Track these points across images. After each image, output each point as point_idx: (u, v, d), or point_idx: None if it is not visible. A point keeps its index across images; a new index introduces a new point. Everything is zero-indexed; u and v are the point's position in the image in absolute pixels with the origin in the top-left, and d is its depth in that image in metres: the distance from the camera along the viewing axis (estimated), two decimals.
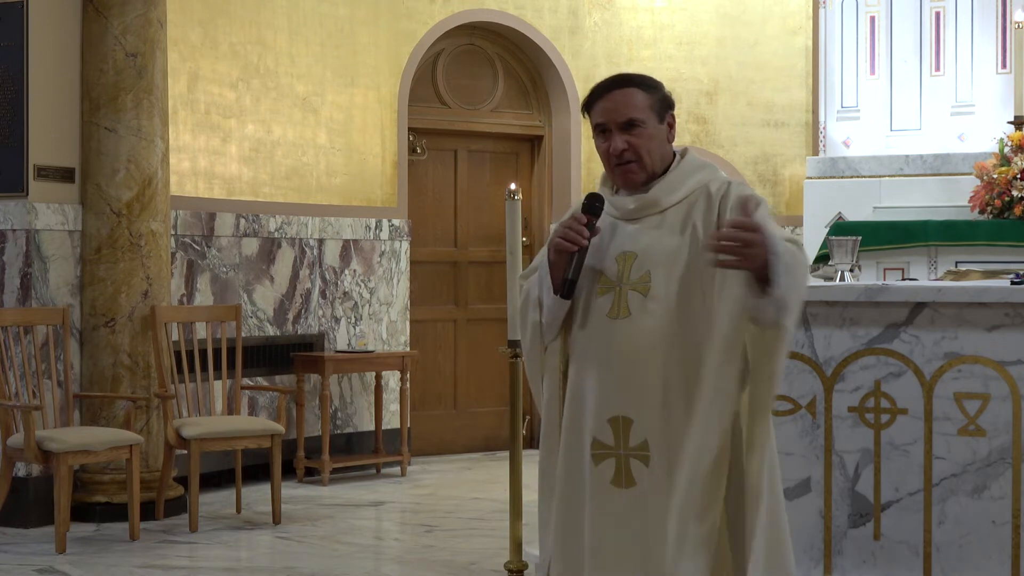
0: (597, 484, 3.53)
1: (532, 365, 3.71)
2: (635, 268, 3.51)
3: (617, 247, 3.56)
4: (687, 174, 3.58)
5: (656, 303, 3.47)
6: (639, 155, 3.53)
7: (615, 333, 3.50)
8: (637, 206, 3.56)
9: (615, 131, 3.53)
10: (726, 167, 10.66)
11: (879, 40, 10.33)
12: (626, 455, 3.50)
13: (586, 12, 10.51)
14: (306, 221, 9.14)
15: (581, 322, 3.57)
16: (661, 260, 3.49)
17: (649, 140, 3.54)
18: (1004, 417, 5.40)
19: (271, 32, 9.03)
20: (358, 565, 6.66)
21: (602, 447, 3.53)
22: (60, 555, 6.84)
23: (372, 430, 9.46)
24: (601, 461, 3.53)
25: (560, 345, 3.63)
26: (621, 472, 3.51)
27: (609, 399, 3.52)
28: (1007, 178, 9.15)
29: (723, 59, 10.70)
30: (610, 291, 3.53)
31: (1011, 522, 5.38)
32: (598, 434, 3.53)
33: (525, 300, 3.68)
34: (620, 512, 3.51)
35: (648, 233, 3.54)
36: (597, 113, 3.57)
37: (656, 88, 3.59)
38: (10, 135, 7.55)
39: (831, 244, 6.29)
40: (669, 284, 3.47)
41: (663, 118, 3.57)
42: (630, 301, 3.50)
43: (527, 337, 3.68)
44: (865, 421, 5.60)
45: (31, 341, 7.37)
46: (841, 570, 5.64)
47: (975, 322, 5.42)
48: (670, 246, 3.50)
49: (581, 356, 3.57)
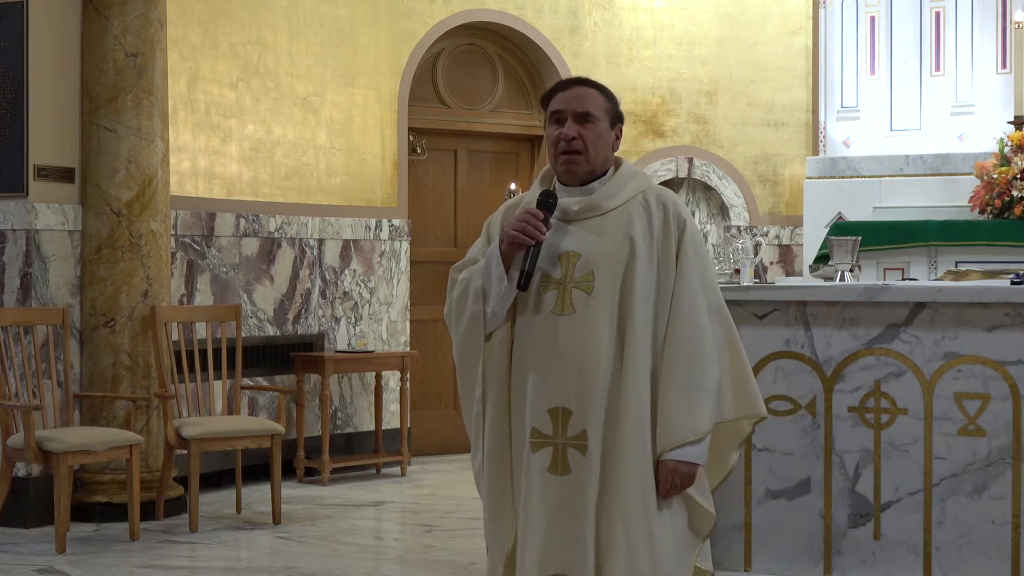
0: (533, 471, 3.72)
1: (468, 355, 3.84)
2: (578, 267, 3.71)
3: (561, 246, 3.74)
4: (625, 180, 3.79)
5: (599, 301, 3.68)
6: (586, 147, 3.74)
7: (560, 328, 3.69)
8: (580, 208, 3.75)
9: (570, 119, 3.73)
10: (726, 167, 10.65)
11: (879, 40, 10.33)
12: (564, 444, 3.70)
13: (586, 12, 10.50)
14: (306, 221, 9.14)
15: (526, 315, 3.75)
16: (604, 262, 3.70)
17: (598, 137, 3.75)
18: (1004, 417, 5.40)
19: (271, 32, 9.03)
20: (358, 565, 6.66)
21: (540, 436, 3.72)
22: (60, 555, 6.84)
23: (372, 430, 9.46)
24: (539, 449, 3.72)
25: (506, 334, 3.77)
26: (558, 460, 3.70)
27: (550, 390, 3.70)
28: (1007, 178, 9.15)
29: (723, 59, 10.70)
30: (554, 288, 3.72)
31: (1011, 522, 5.38)
32: (537, 423, 3.72)
33: (464, 291, 3.82)
34: (554, 498, 3.69)
35: (590, 235, 3.74)
36: (556, 101, 3.78)
37: (613, 99, 3.81)
38: (10, 135, 7.55)
39: (831, 244, 6.29)
40: (612, 284, 3.69)
41: (613, 126, 3.80)
42: (574, 298, 3.69)
43: (463, 326, 3.82)
44: (865, 421, 5.60)
45: (31, 341, 7.37)
46: (841, 570, 5.64)
47: (975, 322, 5.43)
48: (612, 249, 3.71)
49: (523, 349, 3.75)
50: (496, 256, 3.76)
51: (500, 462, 3.82)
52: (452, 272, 3.94)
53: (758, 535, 5.77)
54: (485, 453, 3.85)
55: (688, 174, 10.69)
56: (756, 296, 5.75)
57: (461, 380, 3.95)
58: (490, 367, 3.81)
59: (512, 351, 3.78)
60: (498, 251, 3.76)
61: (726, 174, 10.67)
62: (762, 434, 5.75)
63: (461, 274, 3.88)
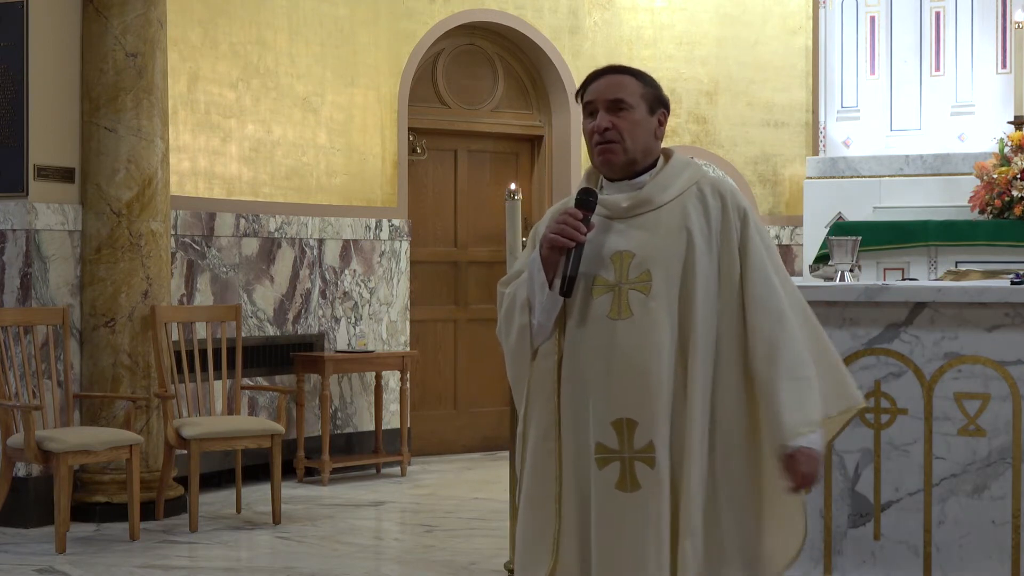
0: (602, 488, 3.47)
1: (518, 370, 3.62)
2: (633, 267, 3.48)
3: (611, 246, 3.51)
4: (678, 172, 3.55)
5: (658, 302, 3.44)
6: (621, 136, 3.51)
7: (617, 334, 3.45)
8: (631, 204, 3.52)
9: (602, 110, 3.52)
10: (726, 167, 10.65)
11: (879, 40, 10.33)
12: (631, 458, 3.45)
13: (586, 12, 10.51)
14: (306, 221, 9.14)
15: (578, 323, 3.50)
16: (660, 259, 3.46)
17: (634, 125, 3.52)
18: (1004, 417, 5.40)
19: (271, 32, 9.03)
20: (358, 565, 6.66)
21: (606, 451, 3.47)
22: (60, 555, 6.84)
23: (372, 430, 9.46)
24: (606, 465, 3.47)
25: (554, 347, 3.54)
26: (626, 476, 3.46)
27: (613, 401, 3.46)
28: (1007, 178, 9.15)
29: (723, 59, 10.70)
30: (609, 291, 3.48)
31: (1011, 522, 5.38)
32: (602, 437, 3.47)
33: (511, 305, 3.59)
34: (626, 516, 3.45)
35: (643, 232, 3.50)
36: (588, 93, 3.56)
37: (651, 83, 3.57)
38: (10, 135, 7.55)
39: (831, 244, 6.28)
40: (670, 283, 3.45)
41: (654, 112, 3.55)
42: (631, 301, 3.45)
43: (512, 341, 3.59)
44: (865, 421, 5.60)
45: (31, 341, 7.37)
46: (841, 570, 5.63)
47: (975, 322, 5.42)
48: (668, 246, 3.47)
49: (580, 358, 3.50)
50: (537, 263, 3.52)
51: (542, 484, 3.55)
52: (499, 287, 3.70)
53: None
54: (526, 474, 3.59)
55: None
56: None
57: (517, 404, 3.67)
58: (536, 383, 3.57)
59: (562, 363, 3.52)
60: (539, 257, 3.52)
61: (726, 174, 10.67)
62: None
63: (508, 288, 3.64)
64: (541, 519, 3.54)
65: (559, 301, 3.49)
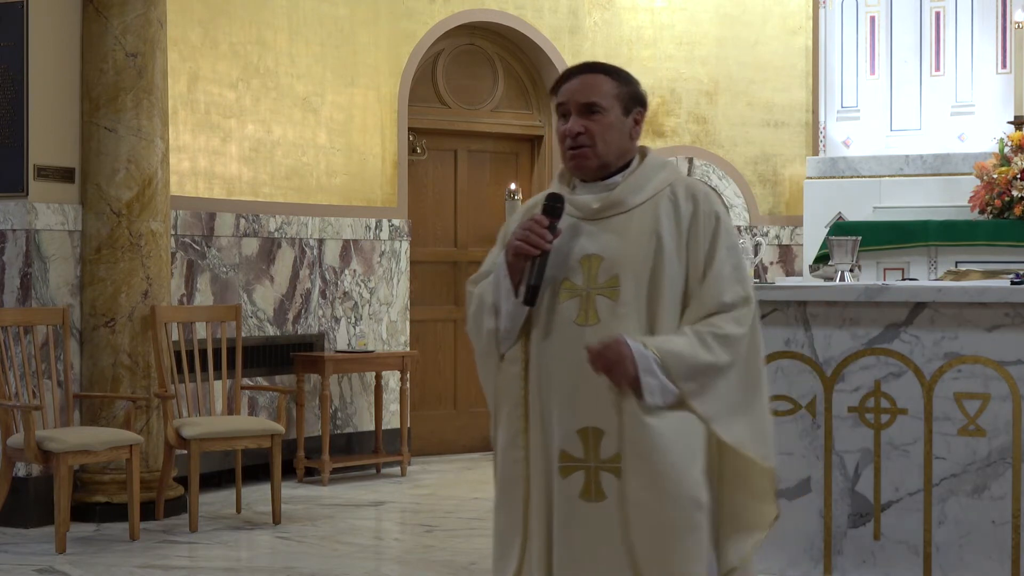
0: (564, 498, 3.39)
1: (487, 374, 3.54)
2: (602, 271, 3.38)
3: (580, 249, 3.41)
4: (651, 173, 3.45)
5: (626, 308, 3.35)
6: (593, 140, 3.41)
7: (585, 340, 3.34)
8: (601, 206, 3.43)
9: (574, 113, 3.43)
10: (726, 167, 10.65)
11: (879, 40, 10.33)
12: (596, 468, 3.36)
13: (586, 12, 10.51)
14: (306, 221, 9.14)
15: (545, 328, 3.41)
16: (629, 264, 3.37)
17: (607, 128, 3.42)
18: (1004, 417, 5.40)
19: (271, 32, 9.03)
20: (358, 565, 6.66)
21: (571, 459, 3.38)
22: (60, 555, 6.84)
23: (372, 430, 9.46)
24: (569, 474, 3.38)
25: (520, 352, 3.45)
26: (591, 485, 3.37)
27: (580, 410, 3.37)
28: (1007, 178, 9.15)
29: (723, 59, 10.70)
30: (575, 296, 3.39)
31: (1011, 522, 5.38)
32: (566, 446, 3.38)
33: (479, 307, 3.51)
34: (589, 527, 3.37)
35: (613, 235, 3.40)
36: (561, 94, 3.47)
37: (627, 81, 3.47)
38: (10, 135, 7.55)
39: (831, 244, 6.29)
40: (638, 288, 3.36)
41: (629, 111, 3.45)
42: (599, 306, 3.36)
43: (481, 345, 3.52)
44: (865, 421, 5.60)
45: (31, 341, 7.37)
46: (841, 570, 5.64)
47: (975, 322, 5.43)
48: (638, 251, 3.37)
49: (546, 364, 3.41)
50: (503, 269, 3.43)
51: (511, 490, 3.48)
52: (468, 285, 3.64)
53: None
54: (496, 479, 3.53)
55: (688, 174, 10.69)
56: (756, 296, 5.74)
57: (489, 403, 3.61)
58: (503, 388, 3.48)
59: (528, 368, 3.44)
60: (505, 263, 3.43)
61: (726, 174, 10.67)
62: None
63: (476, 288, 3.57)
64: (510, 524, 3.48)
65: (525, 308, 3.41)
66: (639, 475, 3.33)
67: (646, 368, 3.28)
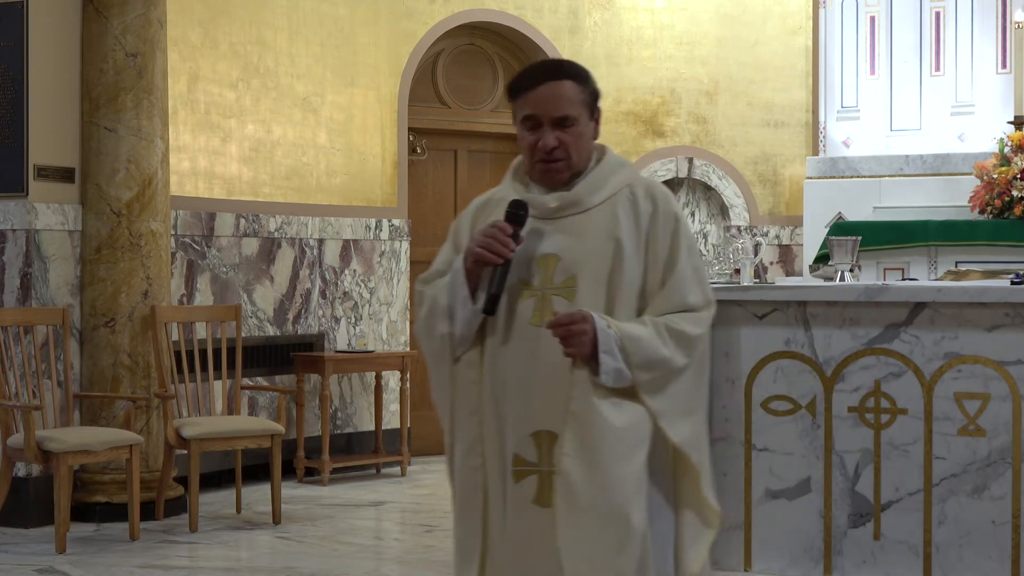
0: (518, 503, 3.31)
1: (439, 380, 3.44)
2: (559, 272, 3.31)
3: (537, 249, 3.34)
4: (609, 173, 3.39)
5: (584, 309, 3.27)
6: (568, 154, 3.34)
7: (540, 341, 3.27)
8: (559, 205, 3.35)
9: (547, 126, 3.33)
10: (726, 167, 10.65)
11: (879, 40, 10.33)
12: (549, 472, 3.28)
13: (586, 12, 10.51)
14: (306, 221, 9.14)
15: (501, 330, 3.33)
16: (586, 264, 3.30)
17: (579, 139, 3.35)
18: (1004, 417, 5.40)
19: (271, 32, 9.03)
20: (358, 565, 6.66)
21: (524, 463, 3.30)
22: (60, 555, 6.84)
23: (372, 430, 9.46)
24: (522, 478, 3.31)
25: (476, 355, 3.37)
26: (544, 490, 3.28)
27: (534, 413, 3.30)
28: (1007, 178, 9.15)
29: (723, 59, 10.70)
30: (532, 296, 3.32)
31: (1011, 522, 5.38)
32: (520, 449, 3.31)
33: (431, 310, 3.43)
34: (542, 532, 3.28)
35: (571, 235, 3.33)
36: (528, 103, 3.36)
37: (588, 80, 3.38)
38: (10, 135, 7.55)
39: (831, 244, 6.29)
40: (596, 289, 3.29)
41: (592, 113, 3.38)
42: (555, 307, 3.29)
43: (433, 350, 3.43)
44: (865, 421, 5.60)
45: (31, 341, 7.37)
46: (841, 570, 5.63)
47: (975, 322, 5.42)
48: (595, 250, 3.31)
49: (501, 365, 3.33)
50: (460, 275, 3.34)
51: (471, 500, 3.39)
52: (418, 284, 3.54)
53: (758, 535, 5.77)
54: (455, 488, 3.43)
55: (688, 174, 10.69)
56: (756, 296, 5.75)
57: (439, 411, 3.49)
58: (459, 393, 3.39)
59: (484, 370, 3.35)
60: (462, 269, 3.34)
61: (726, 174, 10.67)
62: (762, 434, 5.75)
63: (428, 289, 3.48)
64: (470, 534, 3.41)
65: (481, 315, 3.33)
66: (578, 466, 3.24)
67: (607, 348, 3.24)
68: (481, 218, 3.46)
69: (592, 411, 3.25)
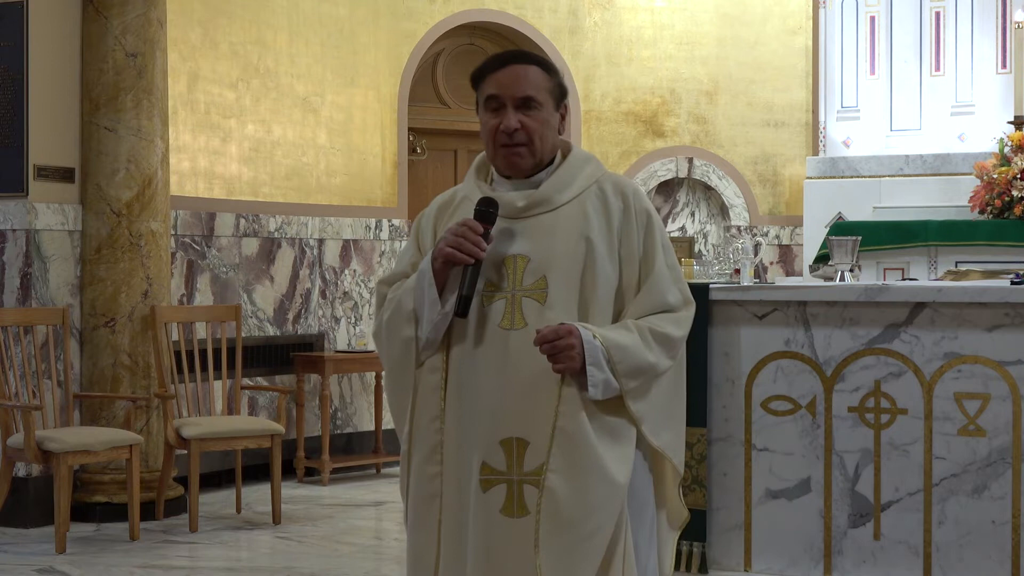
0: (485, 513, 3.18)
1: (399, 384, 3.30)
2: (528, 273, 3.19)
3: (504, 249, 3.21)
4: (576, 169, 3.29)
5: (555, 312, 3.16)
6: (531, 138, 3.22)
7: (510, 345, 3.16)
8: (526, 204, 3.24)
9: (509, 107, 3.21)
10: (726, 167, 10.65)
11: (879, 40, 10.33)
12: (519, 481, 3.16)
13: (586, 12, 10.51)
14: (306, 221, 9.14)
15: (468, 333, 3.20)
16: (557, 265, 3.19)
17: (543, 125, 3.24)
18: (1004, 417, 5.40)
19: (271, 32, 9.03)
20: (358, 565, 6.66)
21: (492, 472, 3.17)
22: (60, 555, 6.84)
23: (372, 430, 9.46)
24: (490, 487, 3.17)
25: (439, 360, 3.24)
26: (513, 500, 3.16)
27: (503, 418, 3.17)
28: (1007, 178, 9.15)
29: (723, 59, 10.70)
30: (501, 298, 3.19)
31: (1011, 522, 5.38)
32: (488, 457, 3.17)
33: (395, 313, 3.27)
34: (509, 544, 3.16)
35: (540, 234, 3.22)
36: (491, 84, 3.24)
37: (555, 72, 3.32)
38: (10, 135, 7.55)
39: (831, 244, 6.29)
40: (568, 291, 3.18)
41: (558, 105, 3.29)
42: (525, 309, 3.17)
43: (395, 354, 3.28)
44: (865, 421, 5.60)
45: (31, 341, 7.37)
46: (841, 570, 5.64)
47: (975, 322, 5.42)
48: (566, 249, 3.20)
49: (468, 370, 3.20)
50: (428, 276, 3.20)
51: (427, 509, 3.27)
52: (379, 286, 3.37)
53: (758, 535, 5.78)
54: (410, 497, 3.30)
55: (688, 174, 10.70)
56: (756, 296, 5.75)
57: (395, 418, 3.35)
58: (421, 400, 3.25)
59: (448, 375, 3.22)
60: (430, 270, 3.20)
61: (726, 174, 10.67)
62: (762, 434, 5.76)
63: (391, 292, 3.31)
64: (423, 544, 3.30)
65: (449, 317, 3.20)
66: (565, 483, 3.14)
67: (594, 360, 3.14)
68: (444, 218, 3.36)
69: (581, 430, 3.15)
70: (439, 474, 3.24)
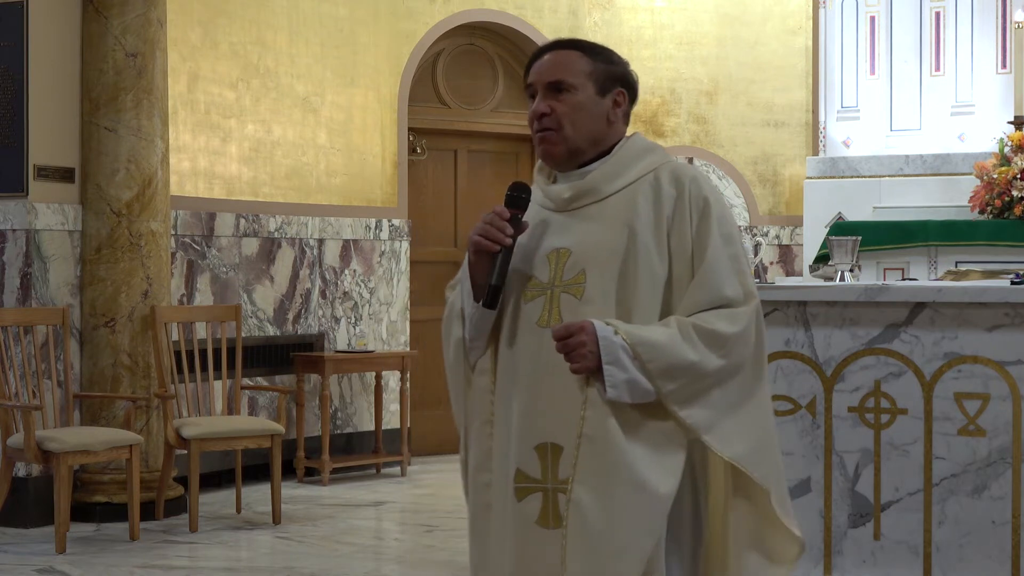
0: (520, 524, 3.00)
1: (456, 389, 3.16)
2: (568, 267, 2.99)
3: (549, 243, 3.03)
4: (632, 159, 3.06)
5: (591, 307, 2.95)
6: (560, 123, 3.02)
7: (544, 344, 2.96)
8: (572, 195, 3.04)
9: (541, 92, 3.04)
10: (726, 167, 10.65)
11: (879, 40, 10.33)
12: (554, 489, 2.96)
13: (586, 12, 10.51)
14: (306, 221, 9.14)
15: (509, 332, 3.04)
16: (596, 257, 2.98)
17: (576, 109, 3.02)
18: (1004, 417, 5.39)
19: (271, 32, 9.03)
20: (358, 565, 6.66)
21: (527, 479, 2.99)
22: (60, 555, 6.84)
23: (372, 430, 9.46)
24: (525, 496, 2.99)
25: (489, 362, 3.08)
26: (548, 510, 2.97)
27: (536, 423, 2.98)
28: (1007, 178, 9.15)
29: (723, 59, 10.71)
30: (541, 295, 3.01)
31: (1011, 522, 5.38)
32: (523, 464, 2.99)
33: (448, 313, 3.14)
34: (544, 559, 2.97)
35: (584, 227, 3.01)
36: (531, 74, 3.08)
37: (607, 59, 3.07)
38: (10, 135, 7.55)
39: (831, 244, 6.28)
40: (606, 284, 2.96)
41: (606, 92, 3.04)
42: (562, 305, 2.98)
43: (449, 356, 3.14)
44: (865, 421, 5.60)
45: (31, 341, 7.37)
46: (841, 570, 5.63)
47: (975, 322, 5.42)
48: (607, 240, 2.98)
49: (509, 371, 3.03)
50: (465, 270, 3.05)
51: (483, 520, 3.12)
52: (447, 291, 3.22)
53: None
54: (469, 505, 3.18)
55: None
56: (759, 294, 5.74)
57: (456, 421, 3.23)
58: (473, 404, 3.11)
59: (497, 377, 3.05)
60: (467, 263, 3.05)
61: (726, 174, 10.67)
62: None
63: (451, 293, 3.17)
64: (478, 557, 3.18)
65: (488, 314, 3.03)
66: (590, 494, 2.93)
67: (612, 359, 2.88)
68: None
69: (608, 437, 2.92)
70: (490, 483, 3.10)
